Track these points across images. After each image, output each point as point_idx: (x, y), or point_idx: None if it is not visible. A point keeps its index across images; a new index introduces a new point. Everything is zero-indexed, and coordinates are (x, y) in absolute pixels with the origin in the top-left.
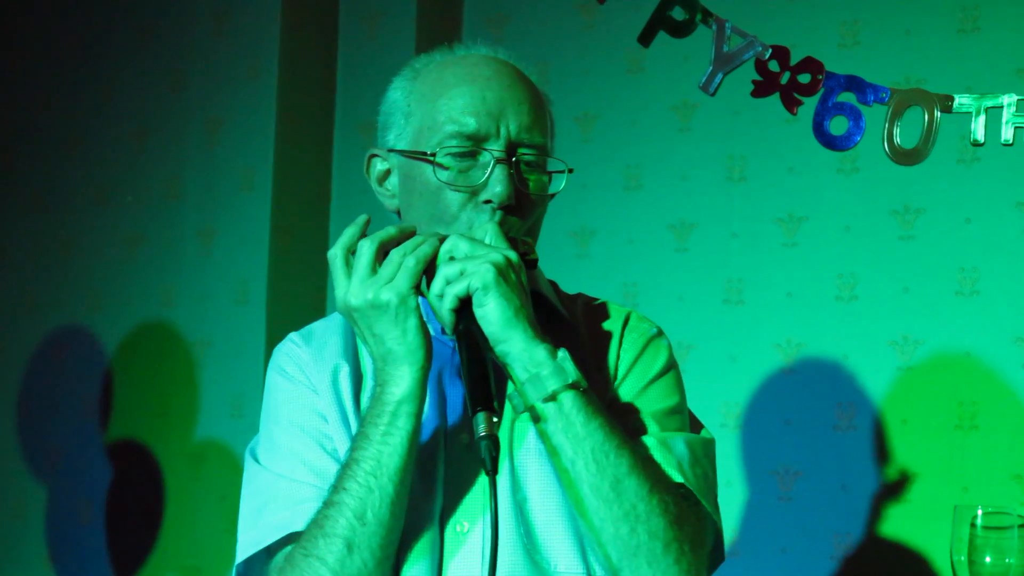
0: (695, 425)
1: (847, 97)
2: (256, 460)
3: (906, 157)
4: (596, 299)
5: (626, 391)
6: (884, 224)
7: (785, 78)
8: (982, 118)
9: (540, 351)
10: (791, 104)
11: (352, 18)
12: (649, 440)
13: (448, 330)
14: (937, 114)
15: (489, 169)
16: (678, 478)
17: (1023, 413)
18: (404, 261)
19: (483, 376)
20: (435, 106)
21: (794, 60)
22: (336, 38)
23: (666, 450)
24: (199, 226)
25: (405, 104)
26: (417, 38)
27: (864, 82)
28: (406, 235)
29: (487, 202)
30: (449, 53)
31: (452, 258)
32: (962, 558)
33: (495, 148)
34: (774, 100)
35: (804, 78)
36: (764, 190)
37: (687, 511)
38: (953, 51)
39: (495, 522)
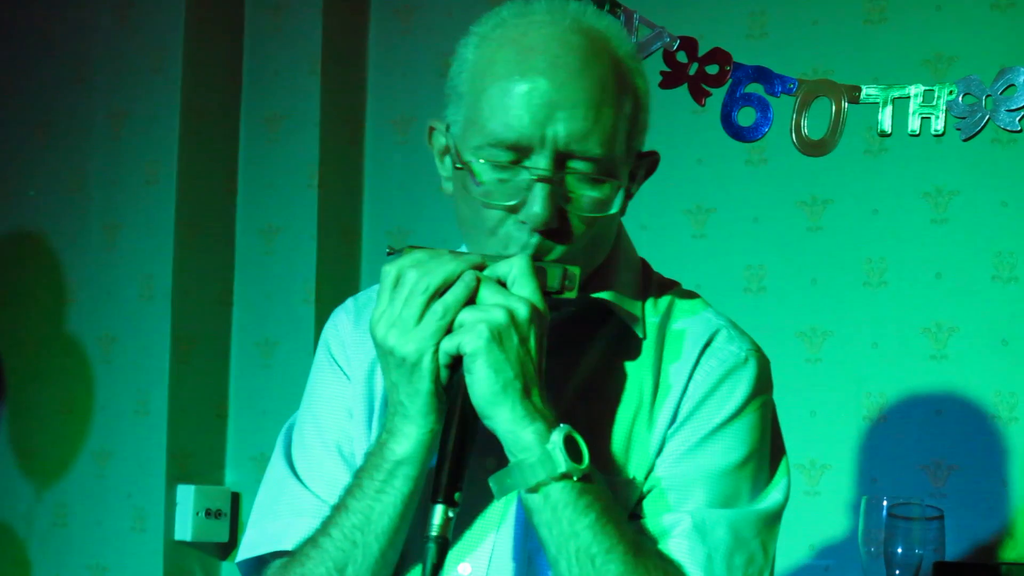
0: (774, 462)
1: (755, 88)
2: (285, 442)
3: (814, 148)
4: (692, 300)
5: (681, 443)
6: (792, 215)
7: (693, 69)
8: (889, 108)
9: (527, 433)
10: (699, 95)
11: (257, 10)
12: (684, 521)
13: (443, 384)
14: (844, 105)
15: (528, 186)
16: None
17: (931, 404)
18: (432, 307)
19: (457, 452)
20: (481, 99)
21: (702, 51)
22: (242, 30)
23: (698, 538)
24: (103, 220)
25: (459, 79)
26: (324, 30)
27: (772, 73)
28: (456, 279)
29: (525, 222)
30: (520, 13)
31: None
32: (872, 549)
33: (537, 162)
34: (682, 91)
35: (712, 69)
36: (672, 182)
37: None
38: (860, 42)
39: None
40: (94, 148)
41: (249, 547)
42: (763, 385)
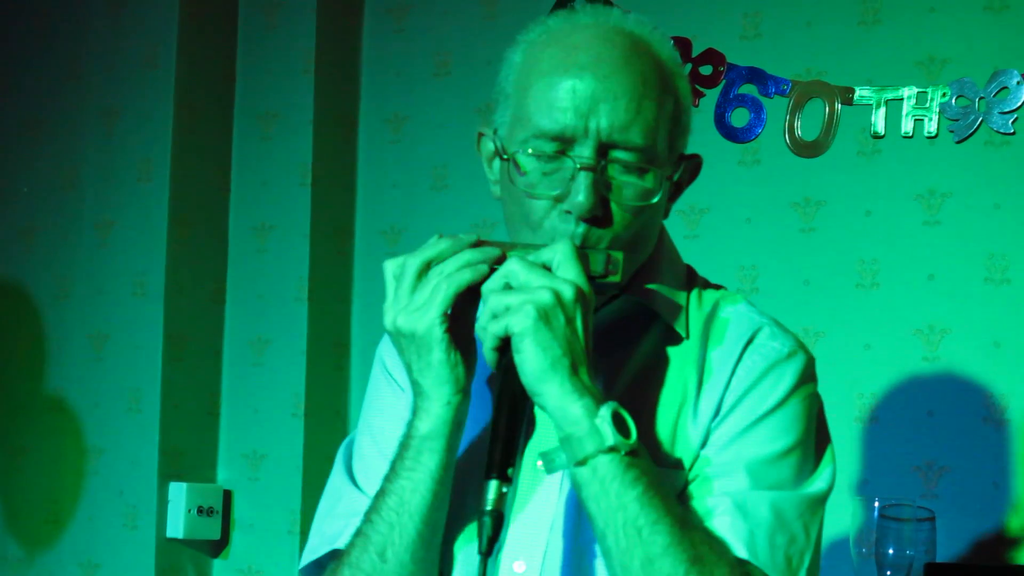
0: (820, 450)
1: (748, 89)
2: (345, 456)
3: (807, 149)
4: (735, 300)
5: (725, 433)
6: (785, 216)
7: (687, 70)
8: (882, 110)
9: (576, 408)
10: (693, 96)
11: (251, 8)
12: (726, 500)
13: (492, 368)
14: (838, 106)
15: (572, 175)
16: (741, 553)
17: (923, 405)
18: (438, 284)
19: (509, 431)
20: (527, 95)
21: (696, 52)
22: (235, 27)
23: (740, 516)
24: (96, 218)
25: (506, 82)
26: (317, 28)
27: (765, 74)
28: (460, 251)
29: (569, 212)
30: (565, 20)
31: (508, 285)
32: (863, 550)
33: (581, 152)
34: None
35: (706, 70)
36: None
37: None
38: (854, 43)
39: None
40: (87, 145)
41: (309, 552)
42: (807, 376)
